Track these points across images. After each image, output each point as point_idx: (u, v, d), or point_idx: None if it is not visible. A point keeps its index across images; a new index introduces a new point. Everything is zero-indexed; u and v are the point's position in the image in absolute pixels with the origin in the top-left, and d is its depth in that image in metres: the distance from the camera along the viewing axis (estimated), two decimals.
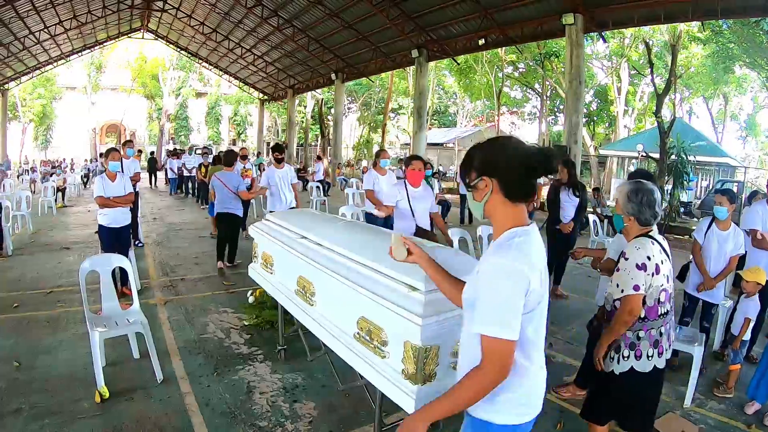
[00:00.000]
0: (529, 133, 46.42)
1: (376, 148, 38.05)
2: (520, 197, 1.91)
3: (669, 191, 15.02)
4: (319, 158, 24.48)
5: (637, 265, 2.91)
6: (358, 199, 14.02)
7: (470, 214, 13.78)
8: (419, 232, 5.81)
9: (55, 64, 31.32)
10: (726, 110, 38.66)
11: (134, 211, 8.64)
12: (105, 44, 33.14)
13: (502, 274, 1.77)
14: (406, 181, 6.00)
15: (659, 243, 3.03)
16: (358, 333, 3.04)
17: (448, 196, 16.94)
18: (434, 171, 10.57)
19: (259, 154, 32.46)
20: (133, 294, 4.79)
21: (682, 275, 5.42)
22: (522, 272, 1.76)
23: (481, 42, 17.52)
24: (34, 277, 7.59)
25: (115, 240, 6.38)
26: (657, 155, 14.87)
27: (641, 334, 2.96)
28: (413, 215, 5.90)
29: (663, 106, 15.72)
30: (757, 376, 4.26)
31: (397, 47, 21.17)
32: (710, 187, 22.00)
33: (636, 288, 2.89)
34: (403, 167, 6.69)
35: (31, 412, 3.74)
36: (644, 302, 2.94)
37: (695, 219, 17.17)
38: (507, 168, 1.88)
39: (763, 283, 4.72)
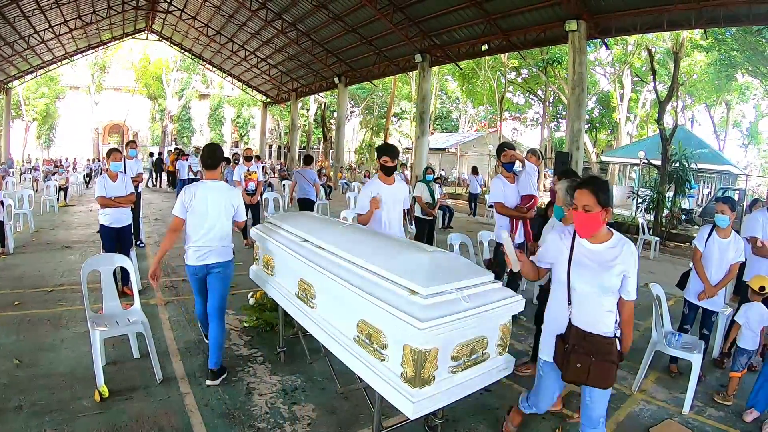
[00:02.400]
0: (532, 139, 46.52)
1: None
2: None
3: (670, 198, 15.01)
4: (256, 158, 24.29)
5: None
6: None
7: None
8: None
9: (59, 63, 31.41)
10: (728, 118, 38.66)
11: (136, 211, 8.64)
12: (109, 45, 33.24)
13: None
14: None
15: None
16: (357, 336, 3.06)
17: (450, 201, 16.94)
18: (436, 176, 10.58)
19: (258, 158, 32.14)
20: (134, 294, 4.79)
21: (682, 283, 5.42)
22: None
23: (485, 47, 17.57)
24: (36, 275, 7.60)
25: (116, 240, 6.40)
26: (659, 162, 14.86)
27: None
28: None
29: (665, 113, 15.70)
30: (758, 384, 4.27)
31: (400, 52, 21.22)
32: (712, 194, 22.00)
33: None
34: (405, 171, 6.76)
35: (31, 410, 3.75)
36: None
37: (696, 226, 17.17)
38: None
39: None
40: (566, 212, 3.95)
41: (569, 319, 3.08)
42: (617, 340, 3.05)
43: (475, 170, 19.48)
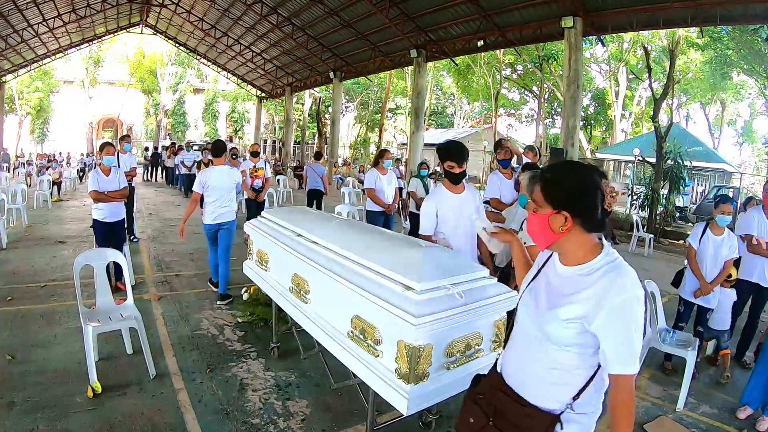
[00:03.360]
0: (527, 136, 46.51)
1: (373, 148, 38.20)
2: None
3: (665, 196, 15.05)
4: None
5: None
6: (354, 198, 14.02)
7: None
8: None
9: (53, 57, 31.18)
10: (723, 116, 38.81)
11: (129, 206, 8.60)
12: (103, 38, 33.09)
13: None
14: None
15: None
16: (351, 331, 3.05)
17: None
18: (430, 172, 10.58)
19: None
20: (128, 289, 4.78)
21: (677, 281, 5.44)
22: None
23: (480, 44, 17.51)
24: (29, 270, 7.57)
25: (110, 234, 6.39)
26: (653, 160, 14.91)
27: None
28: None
29: (660, 111, 15.75)
30: (751, 382, 4.28)
31: (395, 47, 21.16)
32: (706, 192, 22.07)
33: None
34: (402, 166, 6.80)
35: (24, 406, 3.73)
36: None
37: (690, 224, 17.23)
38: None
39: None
40: (529, 201, 3.87)
41: (495, 360, 2.24)
42: (559, 424, 1.86)
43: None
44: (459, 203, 4.24)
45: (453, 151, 4.15)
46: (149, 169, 25.69)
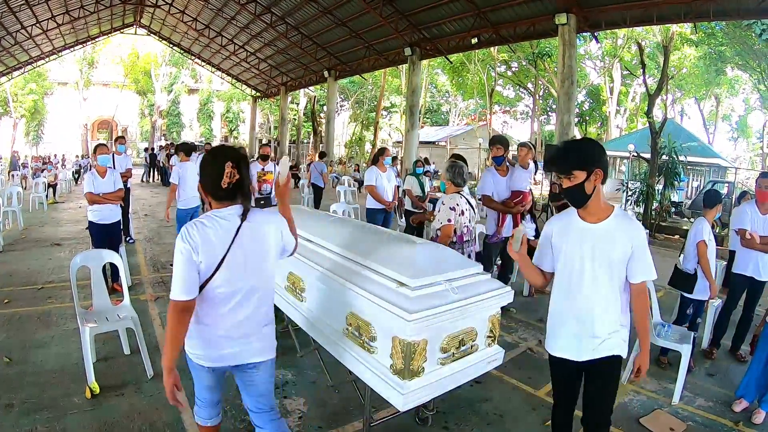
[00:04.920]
0: (522, 132, 46.62)
1: (368, 146, 38.22)
2: None
3: (660, 191, 15.08)
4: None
5: (450, 208, 4.63)
6: (350, 197, 14.05)
7: None
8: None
9: (46, 59, 31.15)
10: (717, 111, 38.92)
11: (125, 207, 8.59)
12: (97, 40, 33.01)
13: None
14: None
15: (466, 199, 4.84)
16: (347, 328, 3.06)
17: (439, 195, 16.93)
18: (425, 170, 10.57)
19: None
20: (124, 290, 4.78)
21: (677, 282, 5.33)
22: None
23: (474, 41, 17.55)
24: (25, 272, 7.56)
25: (105, 236, 6.36)
26: (648, 155, 14.91)
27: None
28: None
29: (655, 106, 15.75)
30: (747, 375, 4.30)
31: (390, 45, 21.19)
32: (701, 187, 22.11)
33: (449, 221, 4.59)
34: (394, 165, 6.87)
35: (22, 407, 3.74)
36: (455, 232, 4.62)
37: (686, 219, 17.27)
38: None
39: None
40: (446, 185, 4.91)
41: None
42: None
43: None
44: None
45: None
46: (147, 170, 25.67)
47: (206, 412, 2.82)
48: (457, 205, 4.65)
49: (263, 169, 8.96)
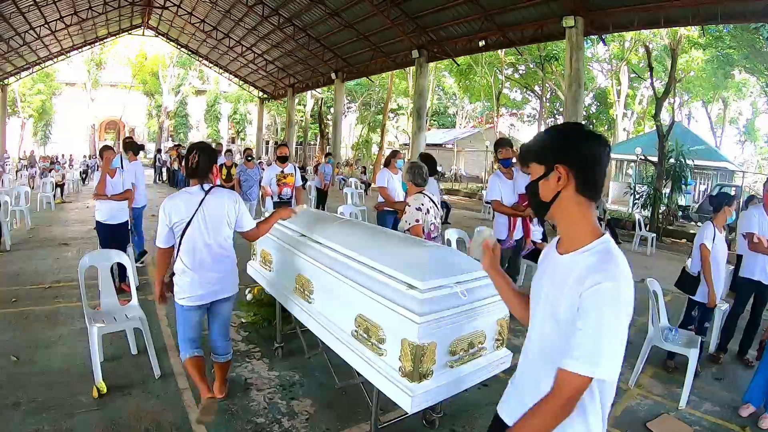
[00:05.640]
0: (529, 135, 46.42)
1: (375, 149, 38.20)
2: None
3: (667, 195, 15.05)
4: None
5: (416, 208, 4.73)
6: (357, 199, 14.05)
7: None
8: None
9: (55, 59, 31.30)
10: (725, 115, 38.80)
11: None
12: (105, 40, 33.15)
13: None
14: None
15: (429, 198, 4.94)
16: (355, 331, 3.06)
17: (446, 197, 16.95)
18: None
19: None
20: (132, 290, 4.79)
21: (684, 286, 5.34)
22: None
23: (482, 43, 17.56)
24: (33, 272, 7.59)
25: (112, 236, 6.39)
26: (655, 159, 14.89)
27: None
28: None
29: (662, 109, 15.74)
30: (755, 379, 4.29)
31: (397, 47, 21.19)
32: (708, 191, 22.05)
33: (417, 221, 4.70)
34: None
35: (29, 406, 3.75)
36: (423, 230, 4.72)
37: (693, 223, 17.23)
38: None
39: None
40: (407, 185, 5.06)
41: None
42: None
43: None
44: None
45: None
46: (159, 171, 25.92)
47: (189, 346, 3.72)
48: (422, 204, 4.80)
49: (282, 172, 8.38)
